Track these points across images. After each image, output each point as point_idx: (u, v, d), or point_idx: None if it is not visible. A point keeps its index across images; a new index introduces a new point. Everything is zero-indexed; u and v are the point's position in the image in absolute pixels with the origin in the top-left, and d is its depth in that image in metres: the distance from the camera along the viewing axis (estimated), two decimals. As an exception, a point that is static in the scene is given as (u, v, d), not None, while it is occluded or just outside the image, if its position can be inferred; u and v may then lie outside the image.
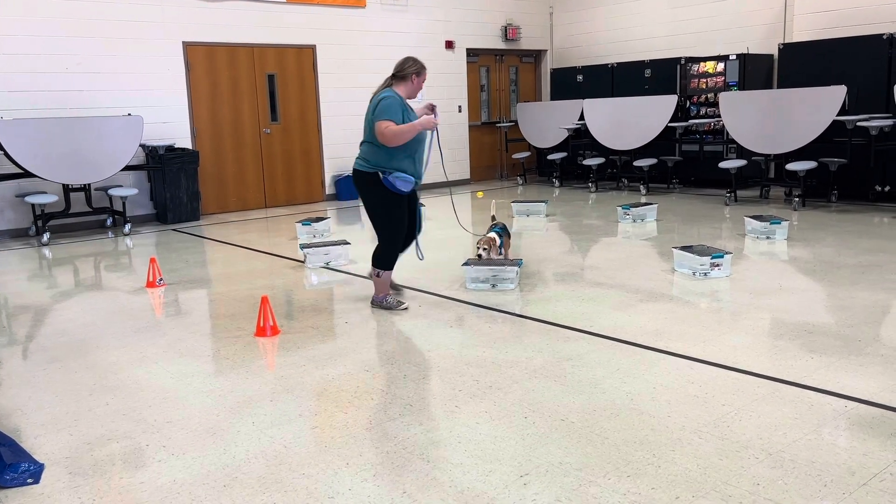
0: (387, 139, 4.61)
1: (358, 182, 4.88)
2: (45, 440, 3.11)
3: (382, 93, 4.77)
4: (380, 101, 4.69)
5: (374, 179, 4.74)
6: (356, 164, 4.87)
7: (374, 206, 4.84)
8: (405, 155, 4.75)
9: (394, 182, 4.69)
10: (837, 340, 3.99)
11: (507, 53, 13.49)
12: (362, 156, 4.84)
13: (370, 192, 4.80)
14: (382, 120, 4.62)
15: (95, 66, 9.08)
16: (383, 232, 4.89)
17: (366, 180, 4.79)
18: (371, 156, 4.76)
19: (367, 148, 4.82)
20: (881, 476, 2.55)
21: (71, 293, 5.82)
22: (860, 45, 8.82)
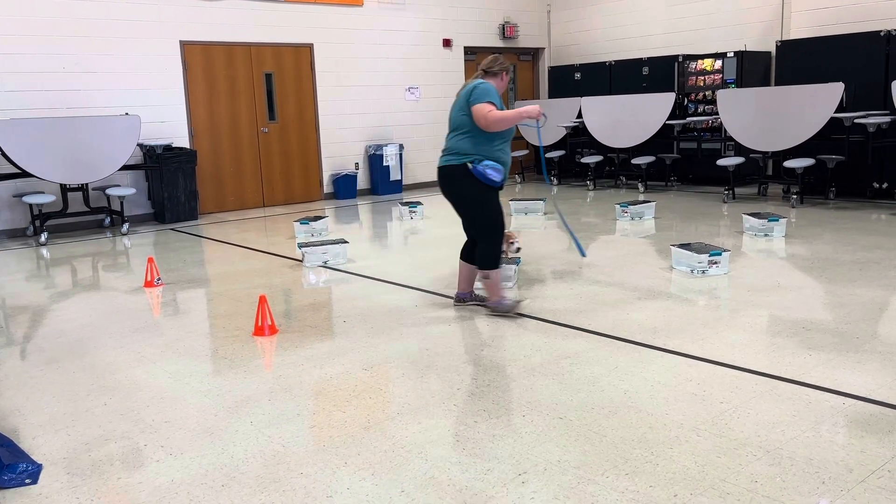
0: (489, 122, 4.34)
1: (446, 180, 4.57)
2: (43, 441, 3.11)
3: (475, 81, 4.53)
4: (476, 87, 4.45)
5: (464, 171, 4.45)
6: (442, 161, 4.58)
7: (469, 201, 4.54)
8: (496, 144, 4.50)
9: (484, 171, 4.41)
10: (835, 337, 3.99)
11: (505, 51, 13.47)
12: (450, 150, 4.54)
13: (462, 187, 4.50)
14: (484, 103, 4.36)
15: (92, 65, 9.07)
16: (484, 228, 4.59)
17: (455, 175, 4.50)
18: (461, 146, 4.48)
19: (456, 139, 4.53)
20: (879, 473, 2.56)
21: (69, 293, 5.81)
22: (858, 42, 8.83)
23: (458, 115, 4.54)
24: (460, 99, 4.54)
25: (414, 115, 12.10)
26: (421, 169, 12.31)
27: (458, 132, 4.53)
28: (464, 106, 4.48)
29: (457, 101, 4.58)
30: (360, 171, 11.58)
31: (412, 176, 12.18)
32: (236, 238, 8.09)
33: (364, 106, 11.50)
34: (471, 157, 4.44)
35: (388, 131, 11.81)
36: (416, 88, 12.05)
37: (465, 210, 4.64)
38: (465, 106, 4.47)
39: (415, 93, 12.05)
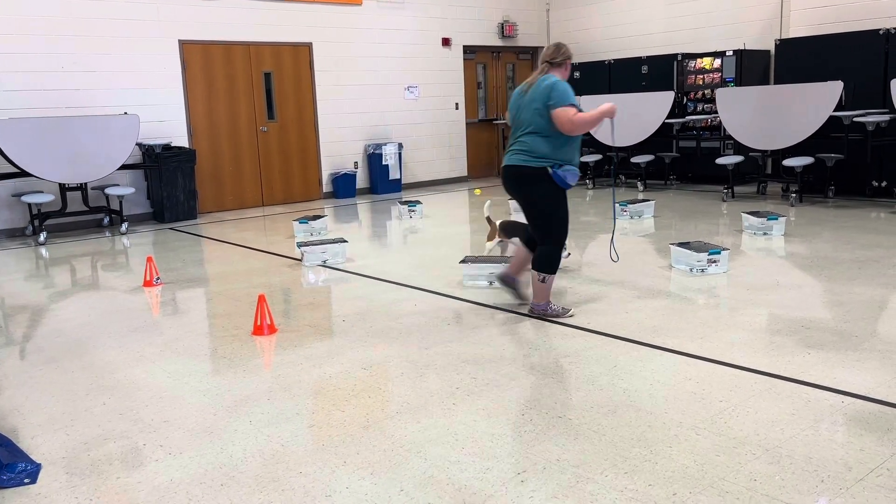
0: (575, 126, 4.20)
1: (520, 179, 4.41)
2: (42, 440, 3.10)
3: (547, 78, 4.32)
4: (552, 86, 4.25)
5: (542, 174, 4.30)
6: (516, 160, 4.39)
7: (542, 203, 4.40)
8: (573, 146, 4.38)
9: (564, 176, 4.29)
10: (834, 336, 3.99)
11: (504, 50, 13.48)
12: (526, 150, 4.35)
13: (536, 189, 4.36)
14: (566, 106, 4.19)
15: (91, 64, 9.06)
16: (551, 232, 4.46)
17: (532, 176, 4.33)
18: (539, 148, 4.30)
19: (532, 140, 4.33)
20: (878, 471, 2.56)
21: (68, 293, 5.81)
22: (857, 40, 8.83)
23: (532, 115, 4.32)
24: (534, 99, 4.31)
25: (413, 114, 12.10)
26: (420, 168, 12.31)
27: (534, 133, 4.33)
28: (541, 108, 4.28)
29: (526, 99, 4.37)
30: (360, 171, 11.57)
31: (411, 175, 12.18)
32: (235, 237, 8.08)
33: (363, 105, 11.49)
34: (550, 162, 4.30)
35: (387, 130, 11.81)
36: (415, 87, 12.05)
37: (535, 210, 4.48)
38: (542, 108, 4.28)
39: (414, 92, 12.04)
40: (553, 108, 4.22)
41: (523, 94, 4.42)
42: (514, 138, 4.47)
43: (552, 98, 4.24)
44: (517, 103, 4.47)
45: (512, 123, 4.53)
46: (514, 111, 4.49)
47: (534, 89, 4.34)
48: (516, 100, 4.49)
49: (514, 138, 4.47)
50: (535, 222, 4.53)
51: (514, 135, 4.48)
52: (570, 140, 4.35)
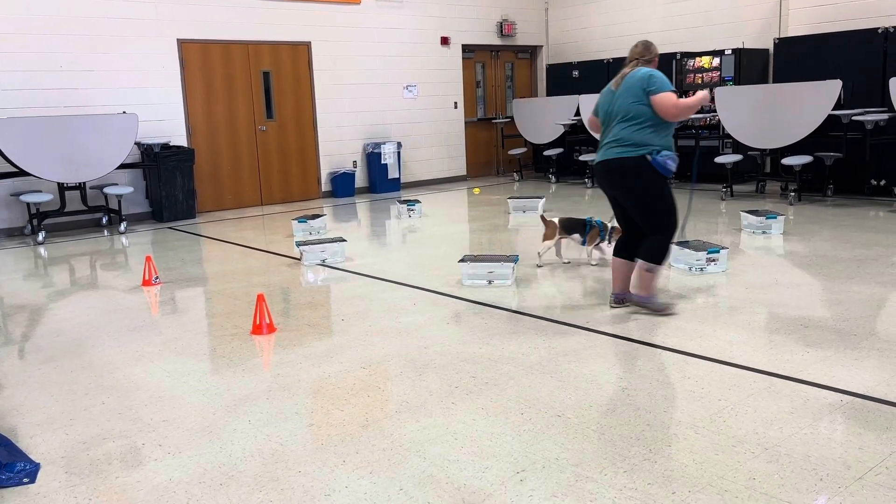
0: (679, 110, 4.23)
1: (619, 172, 4.37)
2: (41, 440, 3.10)
3: (643, 69, 4.39)
4: (651, 74, 4.31)
5: (642, 163, 4.26)
6: (613, 154, 4.36)
7: (647, 193, 4.35)
8: (669, 132, 4.36)
9: (664, 162, 4.24)
10: (833, 335, 4.00)
11: (503, 49, 13.47)
12: (623, 142, 4.32)
13: (638, 180, 4.32)
14: (667, 91, 4.23)
15: (90, 64, 9.05)
16: (661, 221, 4.39)
17: (632, 167, 4.29)
18: (635, 137, 4.28)
19: (627, 130, 4.31)
20: (877, 470, 2.56)
21: (66, 292, 5.81)
22: (855, 39, 8.83)
23: (630, 104, 4.31)
24: (630, 88, 4.34)
25: (412, 113, 12.09)
26: (419, 167, 12.31)
27: (633, 123, 4.31)
28: (640, 95, 4.29)
29: (619, 92, 4.39)
30: (358, 170, 11.57)
31: (410, 174, 12.17)
32: (234, 236, 8.08)
33: (362, 104, 11.49)
34: (649, 149, 4.27)
35: (386, 129, 11.80)
36: (413, 86, 12.04)
37: (640, 203, 4.39)
38: (641, 95, 4.28)
39: (413, 91, 12.04)
40: (654, 93, 4.26)
41: (613, 90, 4.46)
42: (608, 133, 4.46)
43: (652, 84, 4.28)
44: (608, 99, 4.48)
45: (603, 121, 4.53)
46: (605, 107, 4.50)
47: (627, 81, 4.38)
48: (607, 96, 4.51)
49: (608, 133, 4.46)
50: (639, 213, 4.45)
51: (607, 130, 4.47)
52: (667, 126, 4.34)
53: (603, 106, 4.54)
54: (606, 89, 4.55)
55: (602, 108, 4.55)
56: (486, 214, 8.89)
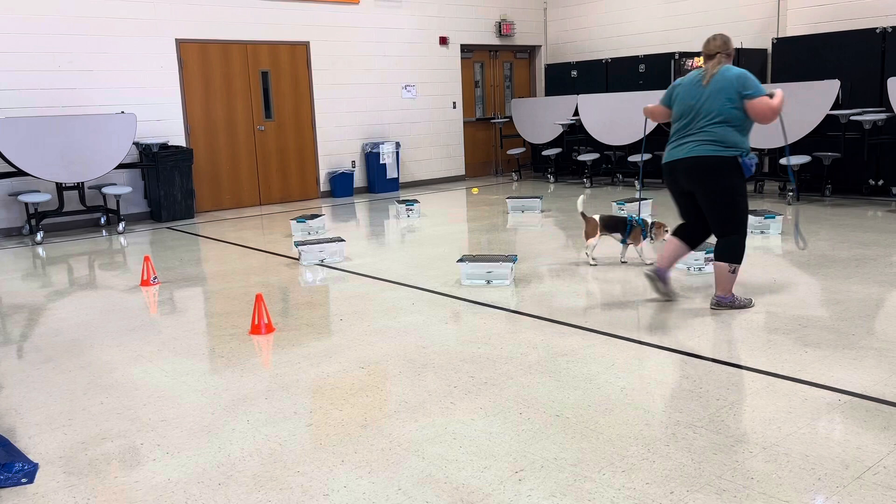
0: (774, 113, 4.30)
1: (707, 171, 4.37)
2: (39, 440, 3.10)
3: (730, 68, 4.40)
4: (745, 76, 4.33)
5: (733, 164, 4.31)
6: (705, 151, 4.35)
7: (731, 193, 4.37)
8: (750, 134, 4.46)
9: (751, 164, 4.34)
10: (831, 334, 4.00)
11: (502, 49, 13.48)
12: (717, 139, 4.33)
13: (724, 179, 4.35)
14: (765, 95, 4.29)
15: (88, 63, 9.05)
16: (740, 221, 4.43)
17: (722, 167, 4.32)
18: (730, 137, 4.31)
19: (723, 130, 4.32)
20: (875, 469, 2.56)
21: (65, 292, 5.80)
22: (854, 39, 8.84)
23: (723, 105, 4.32)
24: (724, 88, 4.33)
25: (411, 112, 12.09)
26: (417, 167, 12.31)
27: (724, 123, 4.32)
28: (734, 97, 4.31)
29: (711, 89, 4.37)
30: (357, 170, 11.57)
31: (409, 174, 12.18)
32: (233, 236, 8.08)
33: (360, 104, 11.49)
34: (740, 150, 4.33)
35: (384, 129, 11.80)
36: (412, 86, 12.04)
37: (723, 202, 4.40)
38: (736, 98, 4.30)
39: (411, 91, 12.04)
40: (751, 97, 4.28)
41: (700, 85, 4.43)
42: (693, 128, 4.43)
43: (748, 87, 4.29)
44: (694, 93, 4.44)
45: (682, 114, 4.50)
46: (689, 101, 4.46)
47: (719, 80, 4.36)
48: (692, 90, 4.47)
49: (693, 128, 4.43)
50: (719, 213, 4.43)
51: (691, 125, 4.45)
52: (750, 129, 4.42)
53: (685, 99, 4.49)
54: (690, 82, 4.51)
55: (682, 101, 4.50)
56: (485, 214, 8.90)
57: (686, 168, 4.44)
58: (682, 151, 4.45)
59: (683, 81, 4.56)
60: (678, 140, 4.50)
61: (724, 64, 4.43)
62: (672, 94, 4.62)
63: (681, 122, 4.50)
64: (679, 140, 4.50)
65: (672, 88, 4.65)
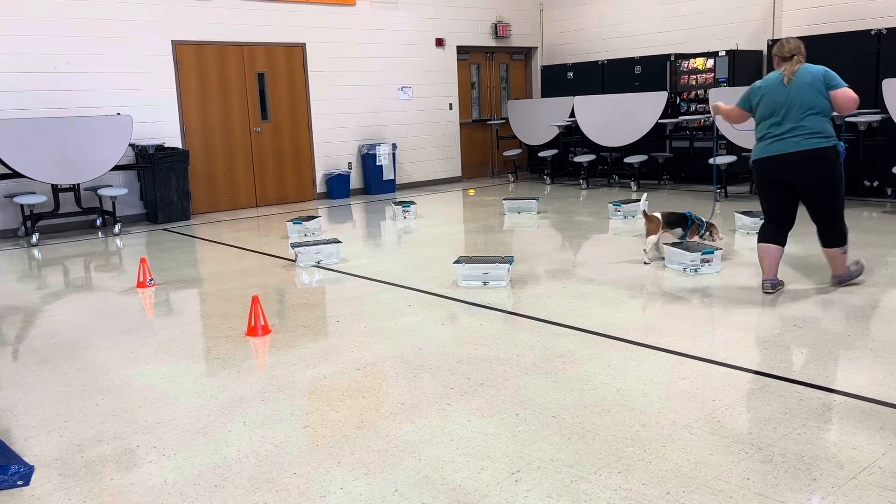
0: (856, 102, 4.66)
1: (818, 162, 4.62)
2: (35, 442, 3.09)
3: (814, 65, 4.80)
4: (827, 71, 4.72)
5: (834, 153, 4.64)
6: (811, 144, 4.59)
7: (837, 181, 4.69)
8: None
9: (843, 150, 4.70)
10: (827, 335, 4.01)
11: (498, 51, 13.49)
12: (817, 132, 4.61)
13: (834, 167, 4.65)
14: (845, 86, 4.65)
15: (84, 65, 9.03)
16: (841, 206, 4.77)
17: (828, 157, 4.62)
18: (826, 128, 4.64)
19: (818, 121, 4.63)
20: (870, 469, 2.57)
21: (61, 294, 5.79)
22: (849, 40, 8.86)
23: (815, 98, 4.62)
24: (812, 83, 4.65)
25: (407, 114, 12.10)
26: (414, 168, 12.31)
27: (817, 115, 4.63)
28: (822, 90, 4.64)
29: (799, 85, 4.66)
30: (353, 171, 11.57)
31: (405, 175, 12.18)
32: (229, 238, 8.07)
33: (357, 105, 11.49)
34: (835, 140, 4.64)
35: (381, 131, 11.81)
36: (408, 88, 12.05)
37: (828, 191, 4.69)
38: (823, 90, 4.64)
39: (407, 92, 12.05)
40: (835, 88, 4.64)
41: (783, 84, 4.73)
42: (788, 123, 4.67)
43: (833, 80, 4.67)
44: (781, 91, 4.72)
45: (775, 111, 4.73)
46: (779, 98, 4.71)
47: (804, 75, 4.69)
48: (776, 89, 4.74)
49: (788, 123, 4.67)
50: (826, 201, 4.71)
51: (783, 121, 4.69)
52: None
53: (773, 98, 4.74)
54: (772, 84, 4.79)
55: (770, 101, 4.76)
56: (481, 216, 8.90)
57: (795, 161, 4.65)
58: (787, 146, 4.66)
59: (764, 84, 4.85)
60: (776, 136, 4.72)
61: (801, 63, 4.78)
62: (753, 97, 4.90)
63: (771, 120, 4.75)
64: (778, 136, 4.71)
65: (751, 92, 4.92)
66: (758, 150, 4.81)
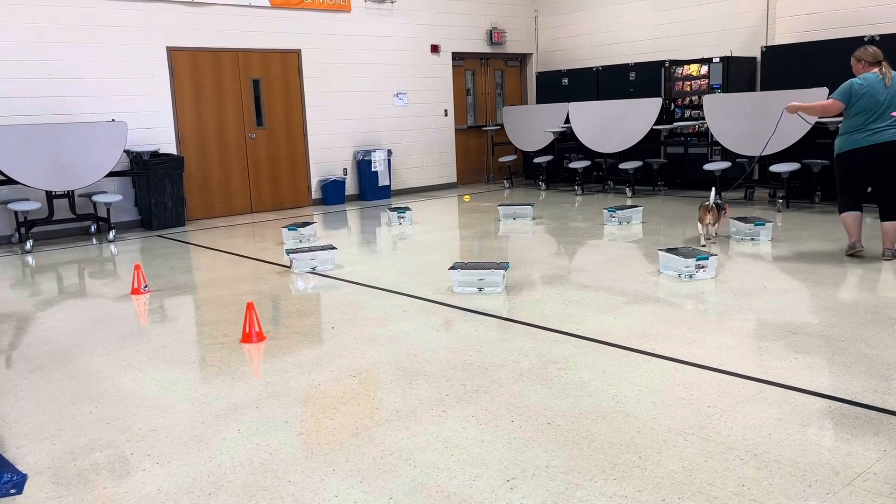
0: None
1: None
2: (28, 450, 3.08)
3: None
4: None
5: None
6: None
7: None
8: None
9: None
10: (821, 341, 4.02)
11: (493, 57, 13.52)
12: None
13: None
14: None
15: (79, 71, 9.02)
16: None
17: None
18: None
19: None
20: (865, 476, 2.57)
21: (54, 301, 5.77)
22: (842, 47, 8.88)
23: None
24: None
25: (402, 120, 12.11)
26: (409, 174, 12.32)
27: None
28: None
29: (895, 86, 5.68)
30: (349, 177, 11.57)
31: (401, 181, 12.18)
32: (224, 244, 8.05)
33: (352, 112, 11.50)
34: None
35: (376, 137, 11.81)
36: (404, 94, 12.06)
37: None
38: None
39: (403, 98, 12.06)
40: None
41: (883, 84, 5.66)
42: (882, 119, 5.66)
43: None
44: (881, 91, 5.66)
45: (874, 108, 5.68)
46: (879, 97, 5.66)
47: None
48: (877, 87, 5.67)
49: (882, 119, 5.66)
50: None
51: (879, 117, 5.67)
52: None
53: (874, 96, 5.66)
54: (874, 83, 5.69)
55: (871, 98, 5.66)
56: (477, 221, 8.91)
57: (887, 150, 5.67)
58: (883, 137, 5.68)
59: (865, 83, 5.70)
60: (871, 129, 5.71)
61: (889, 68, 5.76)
62: (854, 93, 5.72)
63: (868, 115, 5.70)
64: (873, 129, 5.71)
65: (852, 87, 5.73)
66: (855, 141, 5.76)
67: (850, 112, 5.73)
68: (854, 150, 5.76)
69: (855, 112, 5.71)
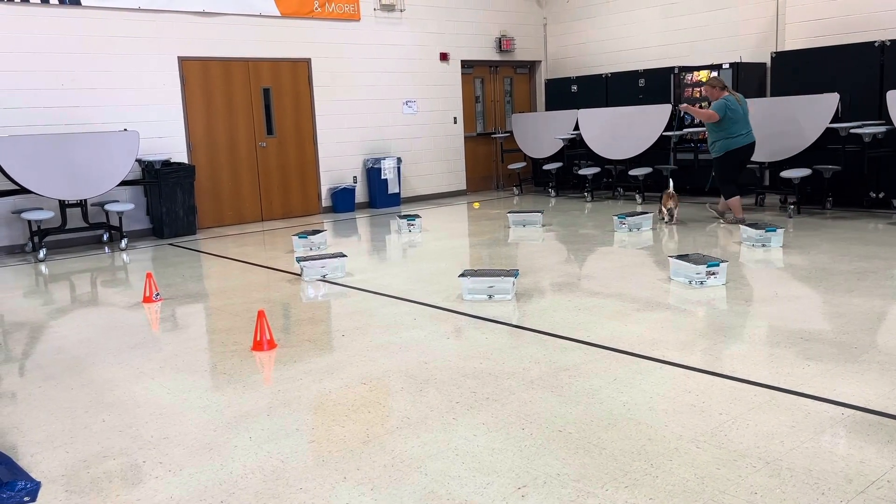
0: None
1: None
2: (41, 458, 3.10)
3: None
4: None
5: None
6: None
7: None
8: None
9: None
10: (834, 347, 4.00)
11: (502, 65, 13.55)
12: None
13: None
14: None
15: (91, 82, 9.10)
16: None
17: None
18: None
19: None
20: (878, 483, 2.55)
21: (67, 309, 5.81)
22: (852, 52, 8.88)
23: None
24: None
25: (412, 128, 12.15)
26: (419, 182, 12.34)
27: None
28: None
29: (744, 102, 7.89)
30: (359, 185, 11.60)
31: (410, 189, 12.21)
32: (235, 252, 8.09)
33: (362, 120, 11.54)
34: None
35: (385, 145, 11.85)
36: (413, 102, 12.10)
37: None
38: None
39: (412, 106, 12.10)
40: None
41: (737, 101, 7.74)
42: (747, 125, 7.77)
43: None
44: (741, 106, 7.74)
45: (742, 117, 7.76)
46: (740, 110, 7.74)
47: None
48: (736, 104, 7.75)
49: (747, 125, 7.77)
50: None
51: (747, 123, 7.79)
52: None
53: (737, 109, 7.72)
54: (733, 101, 7.76)
55: (737, 111, 7.72)
56: (486, 229, 8.91)
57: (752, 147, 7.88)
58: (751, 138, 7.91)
59: (731, 102, 7.69)
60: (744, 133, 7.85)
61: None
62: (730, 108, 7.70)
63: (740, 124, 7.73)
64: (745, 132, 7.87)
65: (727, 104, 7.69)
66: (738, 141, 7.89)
67: (725, 123, 7.83)
68: (739, 149, 7.91)
69: (732, 122, 7.81)
